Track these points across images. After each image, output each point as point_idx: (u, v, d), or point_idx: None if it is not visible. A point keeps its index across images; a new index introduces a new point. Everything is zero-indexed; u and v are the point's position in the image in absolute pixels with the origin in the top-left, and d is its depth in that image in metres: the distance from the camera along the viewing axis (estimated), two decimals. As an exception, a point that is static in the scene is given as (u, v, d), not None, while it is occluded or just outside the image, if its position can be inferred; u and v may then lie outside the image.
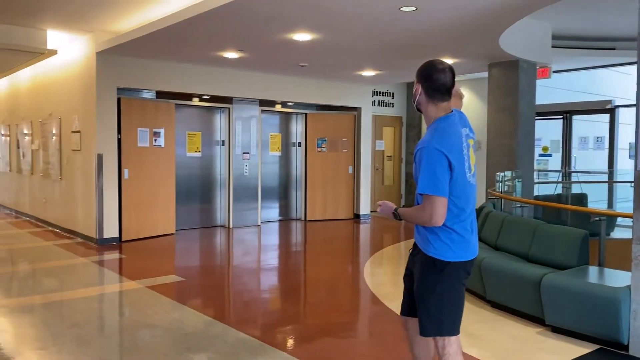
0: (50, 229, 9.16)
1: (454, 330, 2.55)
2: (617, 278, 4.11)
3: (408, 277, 2.76)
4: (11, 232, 9.14)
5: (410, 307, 2.72)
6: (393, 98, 12.35)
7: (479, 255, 3.07)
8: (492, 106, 7.99)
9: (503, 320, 4.48)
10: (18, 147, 10.82)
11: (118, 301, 5.21)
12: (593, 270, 4.41)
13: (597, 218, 4.53)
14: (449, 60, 7.94)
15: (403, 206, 12.30)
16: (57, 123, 8.81)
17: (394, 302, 5.11)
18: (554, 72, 10.61)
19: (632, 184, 3.73)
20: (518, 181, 7.07)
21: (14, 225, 9.70)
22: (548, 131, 11.19)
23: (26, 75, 10.21)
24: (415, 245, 2.68)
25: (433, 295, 2.49)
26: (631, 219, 3.74)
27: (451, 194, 2.45)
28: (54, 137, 8.99)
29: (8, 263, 6.90)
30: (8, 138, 11.46)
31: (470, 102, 12.04)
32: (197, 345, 3.88)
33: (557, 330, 4.13)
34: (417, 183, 2.48)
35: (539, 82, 10.38)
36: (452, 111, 2.58)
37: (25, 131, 10.36)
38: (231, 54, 7.53)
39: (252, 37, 6.48)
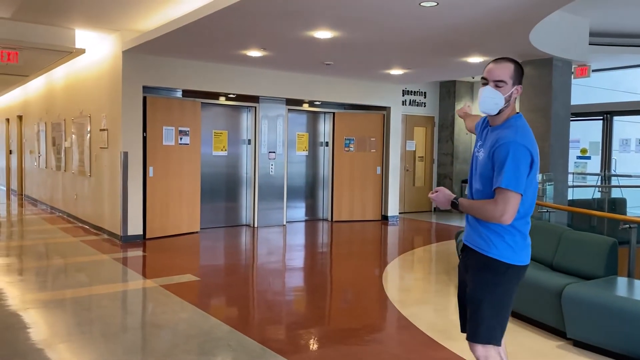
0: (80, 225, 9.33)
1: (500, 339, 2.44)
2: (646, 290, 3.82)
3: (463, 291, 2.60)
4: (42, 227, 9.36)
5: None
6: (425, 97, 12.08)
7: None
8: (523, 106, 7.66)
9: (522, 332, 4.24)
10: (54, 145, 11.09)
11: (129, 299, 5.21)
12: (621, 282, 4.12)
13: (627, 225, 4.23)
14: (479, 59, 7.68)
15: (435, 209, 12.15)
16: (87, 121, 8.97)
17: (408, 309, 4.94)
18: (594, 70, 10.18)
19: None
20: (549, 184, 6.74)
21: (47, 221, 9.94)
22: (588, 133, 10.72)
23: (60, 74, 10.45)
24: (466, 247, 2.56)
25: (491, 298, 2.38)
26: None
27: (524, 193, 2.36)
28: (84, 135, 9.16)
29: (30, 258, 7.02)
30: (45, 135, 11.76)
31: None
32: (198, 348, 3.81)
33: (579, 344, 3.87)
34: (478, 179, 2.44)
35: (578, 81, 9.95)
36: None
37: (59, 129, 10.60)
38: (254, 53, 7.47)
39: (273, 34, 6.40)
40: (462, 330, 2.60)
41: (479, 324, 2.39)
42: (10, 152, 15.52)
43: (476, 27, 5.81)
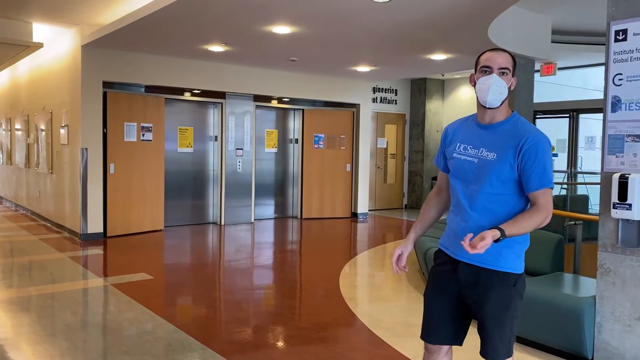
0: (43, 223, 9.16)
1: (513, 347, 2.31)
2: (588, 287, 3.83)
3: (447, 298, 2.34)
4: (3, 225, 9.17)
5: (456, 333, 2.38)
6: (396, 95, 12.08)
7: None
8: (478, 102, 7.67)
9: (468, 329, 4.22)
10: (18, 141, 10.87)
11: (76, 299, 5.09)
12: (565, 278, 4.13)
13: (572, 222, 4.24)
14: (442, 56, 7.67)
15: (406, 205, 12.16)
16: (49, 117, 8.80)
17: (359, 306, 4.91)
18: (562, 68, 10.27)
19: (601, 186, 3.45)
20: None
21: (8, 219, 9.74)
22: (556, 130, 10.81)
23: (24, 69, 10.24)
24: (452, 260, 2.31)
25: (509, 313, 2.22)
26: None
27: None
28: (46, 131, 8.99)
29: (-12, 257, 6.87)
30: (9, 132, 11.53)
31: (472, 99, 11.73)
32: (136, 348, 3.73)
33: (522, 341, 3.86)
34: (488, 182, 2.20)
35: (547, 79, 10.04)
36: None
37: (22, 125, 10.40)
38: (216, 47, 7.38)
39: (233, 29, 6.32)
40: (443, 342, 2.39)
41: (499, 341, 2.24)
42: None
43: (433, 23, 5.79)
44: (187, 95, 8.98)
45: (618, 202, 3.19)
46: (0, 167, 12.60)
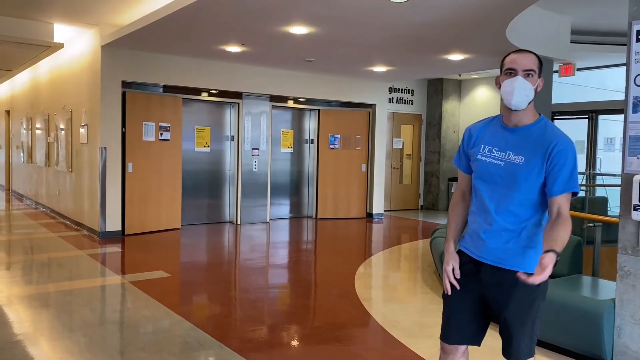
0: (62, 220, 9.29)
1: (535, 347, 2.31)
2: (607, 289, 3.78)
3: (469, 298, 2.33)
4: (24, 223, 9.32)
5: (475, 334, 2.38)
6: (412, 95, 12.04)
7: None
8: (502, 104, 7.62)
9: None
10: (39, 140, 11.04)
11: (94, 296, 5.16)
12: (584, 280, 4.09)
13: (592, 224, 4.19)
14: (459, 56, 7.63)
15: (421, 206, 12.11)
16: (69, 116, 8.92)
17: (374, 307, 4.91)
18: (581, 69, 10.15)
19: (621, 188, 3.41)
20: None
21: (29, 216, 9.89)
22: (575, 131, 10.68)
23: (44, 69, 10.40)
24: (475, 261, 2.30)
25: (532, 313, 2.24)
26: None
27: None
28: (65, 130, 9.11)
29: (2, 253, 6.97)
30: (29, 131, 11.71)
31: (490, 100, 11.64)
32: (154, 345, 3.77)
33: (540, 343, 3.83)
34: (517, 186, 2.19)
35: (566, 80, 9.93)
36: None
37: (43, 124, 10.55)
38: (233, 48, 7.42)
39: (250, 30, 6.35)
40: (461, 342, 2.39)
41: (523, 342, 2.25)
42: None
43: (451, 23, 5.76)
44: (204, 96, 9.04)
45: (639, 204, 3.15)
46: (21, 166, 12.80)
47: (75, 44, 8.48)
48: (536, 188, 2.19)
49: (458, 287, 2.35)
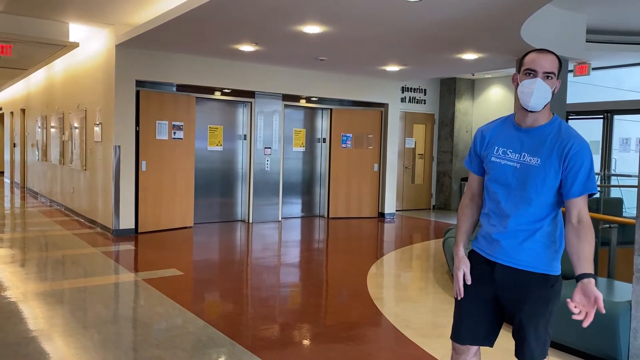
0: (76, 218, 9.38)
1: (548, 348, 2.30)
2: (623, 291, 3.74)
3: (482, 299, 2.32)
4: (38, 220, 9.42)
5: (488, 335, 2.37)
6: (425, 95, 11.99)
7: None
8: (518, 104, 7.56)
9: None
10: (53, 138, 11.15)
11: (108, 293, 5.21)
12: (599, 282, 4.03)
13: (607, 225, 4.15)
14: (473, 55, 7.59)
15: (434, 206, 12.07)
16: (84, 114, 9.00)
17: (386, 306, 4.90)
18: (595, 69, 10.04)
19: (638, 189, 3.37)
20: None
21: (44, 214, 10.00)
22: (589, 132, 10.58)
23: (59, 68, 10.50)
24: (489, 262, 2.29)
25: (546, 315, 2.22)
26: None
27: None
28: (80, 129, 9.20)
29: (18, 250, 7.05)
30: (44, 129, 11.84)
31: (503, 100, 11.57)
32: (167, 342, 3.79)
33: (555, 345, 3.80)
34: (533, 188, 2.18)
35: (580, 79, 9.83)
36: None
37: (57, 122, 10.66)
38: (246, 47, 7.45)
39: (263, 29, 6.37)
40: (473, 343, 2.37)
41: (534, 343, 2.24)
42: (14, 145, 15.65)
43: (465, 22, 5.73)
44: (217, 95, 9.08)
45: (656, 205, 3.11)
46: (36, 164, 12.95)
47: (90, 44, 8.56)
48: (553, 189, 2.17)
49: (463, 294, 2.34)
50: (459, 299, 2.36)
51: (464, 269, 2.34)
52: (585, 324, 2.02)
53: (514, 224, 2.22)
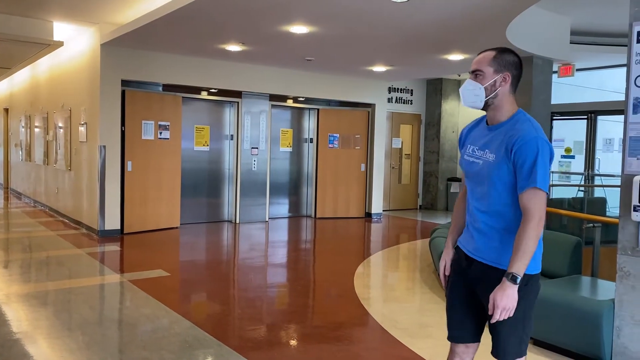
0: (61, 219, 9.28)
1: (526, 350, 2.29)
2: (606, 290, 3.79)
3: (462, 294, 2.36)
4: (22, 221, 9.31)
5: (475, 332, 2.38)
6: (412, 95, 12.04)
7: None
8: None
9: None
10: (37, 138, 11.02)
11: (94, 294, 5.16)
12: (582, 281, 4.09)
13: (591, 224, 4.20)
14: (459, 56, 7.64)
15: (420, 206, 12.12)
16: (68, 114, 8.91)
17: (373, 306, 4.92)
18: (580, 70, 10.16)
19: (621, 189, 3.41)
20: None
21: (27, 215, 9.88)
22: (574, 132, 10.70)
23: (43, 67, 10.38)
24: (467, 257, 2.32)
25: (519, 313, 2.17)
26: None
27: None
28: (64, 129, 9.10)
29: (0, 250, 6.96)
30: (28, 129, 11.70)
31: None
32: (153, 344, 3.77)
33: (538, 343, 3.84)
34: (488, 184, 2.20)
35: (565, 80, 9.94)
36: None
37: (42, 122, 10.54)
38: (233, 47, 7.42)
39: (250, 29, 6.35)
40: (466, 340, 2.39)
41: (507, 340, 2.23)
42: (-2, 145, 15.45)
43: (451, 23, 5.77)
44: (203, 94, 9.04)
45: (639, 204, 3.16)
46: (20, 164, 12.79)
47: (74, 42, 8.47)
48: (509, 185, 2.18)
49: (446, 283, 2.45)
50: (445, 292, 2.41)
51: (445, 259, 2.44)
52: (492, 320, 2.11)
53: (481, 220, 2.27)
